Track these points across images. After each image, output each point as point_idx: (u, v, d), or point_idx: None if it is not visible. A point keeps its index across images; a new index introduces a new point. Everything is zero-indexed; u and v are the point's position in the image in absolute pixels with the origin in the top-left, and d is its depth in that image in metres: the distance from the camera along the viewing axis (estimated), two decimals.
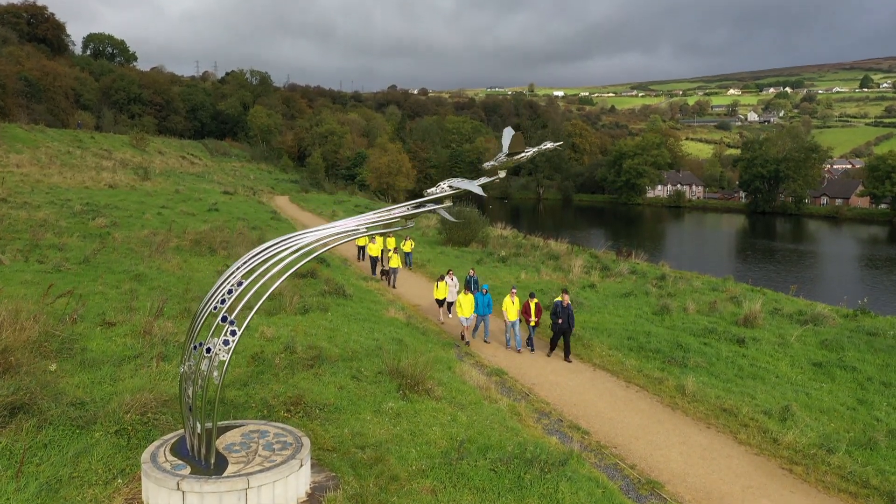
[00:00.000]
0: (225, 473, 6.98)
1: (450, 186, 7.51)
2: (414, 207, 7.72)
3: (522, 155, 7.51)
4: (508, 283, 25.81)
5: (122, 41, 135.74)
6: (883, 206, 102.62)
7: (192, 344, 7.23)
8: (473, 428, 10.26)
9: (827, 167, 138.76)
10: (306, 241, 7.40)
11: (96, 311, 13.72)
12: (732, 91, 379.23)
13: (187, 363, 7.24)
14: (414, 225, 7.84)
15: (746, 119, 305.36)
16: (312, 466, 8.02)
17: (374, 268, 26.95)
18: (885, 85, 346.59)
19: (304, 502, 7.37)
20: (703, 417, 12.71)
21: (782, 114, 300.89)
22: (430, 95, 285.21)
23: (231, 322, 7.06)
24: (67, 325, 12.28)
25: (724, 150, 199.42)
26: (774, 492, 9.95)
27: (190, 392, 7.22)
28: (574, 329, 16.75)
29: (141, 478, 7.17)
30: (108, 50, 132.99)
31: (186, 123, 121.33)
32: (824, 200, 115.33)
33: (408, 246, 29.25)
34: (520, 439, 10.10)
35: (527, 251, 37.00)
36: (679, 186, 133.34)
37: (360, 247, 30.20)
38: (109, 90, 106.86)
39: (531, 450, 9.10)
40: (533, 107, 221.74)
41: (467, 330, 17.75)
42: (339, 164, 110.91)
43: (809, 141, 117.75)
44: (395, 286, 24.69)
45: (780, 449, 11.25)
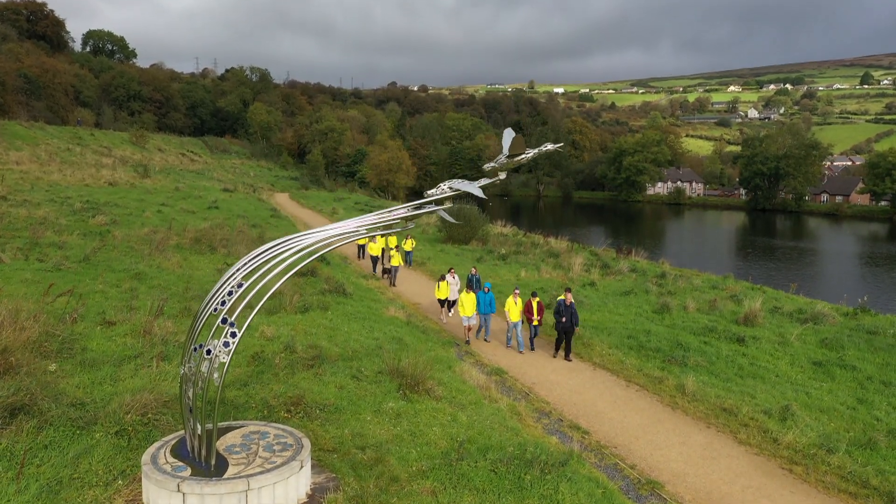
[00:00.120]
0: (225, 475, 6.98)
1: (450, 188, 7.50)
2: (414, 209, 7.71)
3: (523, 156, 7.51)
4: (509, 281, 25.80)
5: (122, 38, 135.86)
6: (883, 204, 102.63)
7: (193, 346, 7.24)
8: (474, 428, 10.27)
9: (827, 164, 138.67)
10: (306, 243, 7.39)
11: (96, 311, 13.72)
12: (733, 88, 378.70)
13: (187, 365, 7.24)
14: (414, 226, 7.84)
15: (747, 116, 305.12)
16: (313, 467, 8.02)
17: (375, 266, 26.92)
18: (886, 82, 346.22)
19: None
20: (703, 417, 12.71)
21: (783, 110, 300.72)
22: (430, 92, 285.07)
23: (231, 324, 7.07)
24: (67, 325, 12.28)
25: (725, 147, 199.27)
26: (774, 492, 9.95)
27: (190, 393, 7.22)
28: (578, 327, 16.70)
29: (141, 479, 7.18)
30: (108, 47, 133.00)
31: (186, 120, 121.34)
32: (824, 198, 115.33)
33: (408, 244, 29.21)
34: (520, 439, 10.11)
35: (527, 249, 37.00)
36: (679, 183, 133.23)
37: (361, 245, 30.14)
38: (109, 87, 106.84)
39: (531, 450, 9.11)
40: (533, 103, 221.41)
41: (470, 330, 17.70)
42: (339, 161, 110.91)
43: (810, 138, 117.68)
44: (396, 285, 24.68)
45: (780, 449, 11.25)
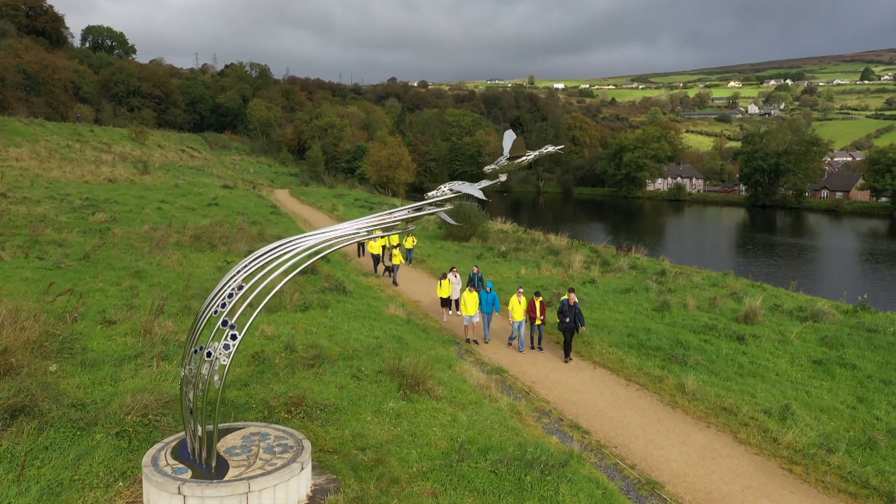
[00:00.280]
0: (226, 477, 6.99)
1: (450, 190, 7.49)
2: (415, 210, 7.70)
3: (524, 158, 7.49)
4: (509, 279, 25.79)
5: (121, 33, 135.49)
6: (883, 200, 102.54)
7: (193, 348, 7.23)
8: (474, 428, 10.27)
9: (827, 160, 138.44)
10: (307, 245, 7.38)
11: (97, 309, 13.72)
12: (733, 83, 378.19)
13: (188, 367, 7.24)
14: (415, 227, 7.83)
15: (747, 111, 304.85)
16: (313, 468, 8.03)
17: (376, 264, 26.84)
18: (886, 77, 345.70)
19: None
20: (703, 416, 12.72)
21: (783, 106, 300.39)
22: (430, 88, 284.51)
23: (231, 326, 7.07)
24: (68, 324, 12.27)
25: (725, 143, 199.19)
26: (774, 492, 9.97)
27: (191, 395, 7.22)
28: (584, 327, 16.56)
29: (142, 480, 7.18)
30: (107, 42, 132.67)
31: (186, 116, 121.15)
32: (824, 194, 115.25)
33: (409, 242, 29.18)
34: (520, 440, 10.12)
35: (527, 246, 36.97)
36: (679, 179, 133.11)
37: (361, 243, 30.12)
38: (108, 83, 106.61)
39: (532, 451, 9.12)
40: (533, 99, 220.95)
41: (474, 329, 17.63)
42: (339, 158, 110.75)
43: (810, 134, 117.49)
44: (398, 283, 24.62)
45: (780, 448, 11.27)
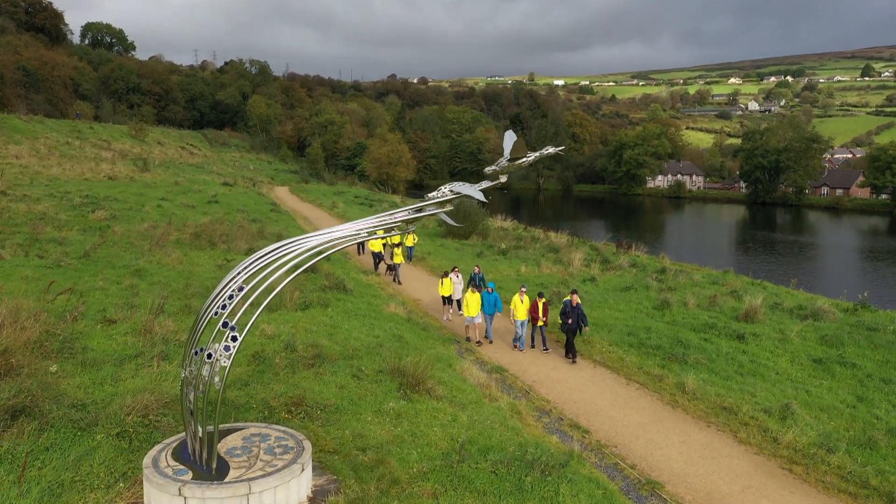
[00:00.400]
0: (226, 479, 6.99)
1: (451, 191, 7.48)
2: (415, 211, 7.69)
3: (524, 160, 7.48)
4: (509, 277, 25.80)
5: (121, 30, 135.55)
6: (883, 197, 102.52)
7: (194, 349, 7.23)
8: (474, 428, 10.27)
9: (827, 157, 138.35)
10: (307, 247, 7.37)
11: (97, 308, 13.72)
12: (733, 80, 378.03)
13: (188, 368, 7.24)
14: (415, 228, 7.85)
15: (747, 108, 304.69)
16: (314, 469, 8.03)
17: (377, 263, 26.78)
18: (887, 74, 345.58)
19: None
20: (704, 416, 12.73)
21: (783, 103, 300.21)
22: (430, 84, 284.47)
23: (232, 328, 7.06)
24: (68, 324, 12.26)
25: (725, 140, 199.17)
26: (774, 492, 9.97)
27: (191, 397, 7.22)
28: (587, 328, 16.45)
29: (143, 482, 7.19)
30: (107, 39, 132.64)
31: (185, 113, 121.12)
32: (825, 191, 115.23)
33: (410, 240, 29.16)
34: (521, 440, 10.12)
35: (527, 243, 36.95)
36: (679, 177, 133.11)
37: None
38: (108, 80, 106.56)
39: (532, 451, 9.12)
40: (533, 96, 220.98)
41: (476, 329, 17.62)
42: (339, 155, 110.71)
43: (810, 131, 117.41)
44: (401, 282, 24.57)
45: (780, 448, 11.27)
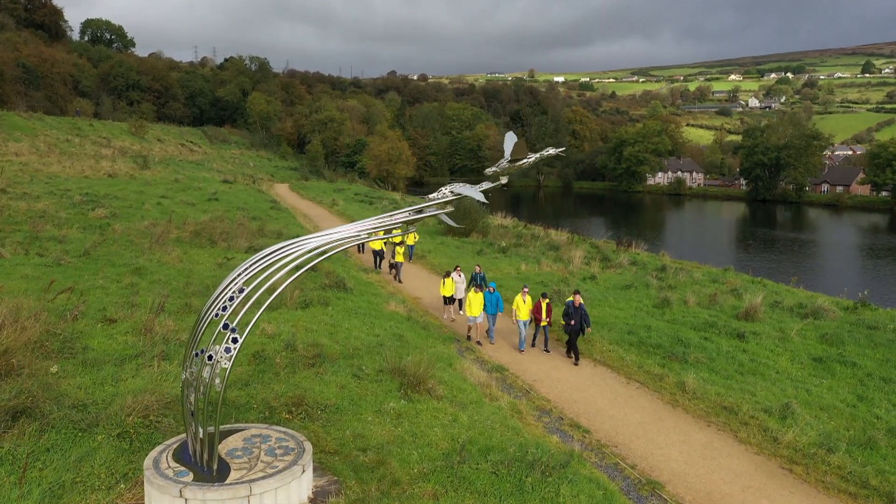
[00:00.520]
0: (227, 480, 6.99)
1: (451, 192, 7.47)
2: (416, 213, 7.68)
3: (525, 161, 7.47)
4: (509, 275, 25.80)
5: (120, 27, 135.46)
6: (884, 194, 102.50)
7: (194, 350, 7.23)
8: (475, 428, 10.27)
9: (828, 154, 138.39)
10: (308, 248, 7.37)
11: (97, 307, 13.71)
12: (734, 77, 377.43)
13: (189, 369, 7.24)
14: (416, 228, 7.84)
15: (747, 105, 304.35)
16: (314, 470, 8.03)
17: (377, 262, 26.71)
18: (887, 70, 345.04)
19: None
20: (704, 415, 12.73)
21: (783, 99, 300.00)
22: (430, 81, 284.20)
23: (233, 329, 7.06)
24: (69, 323, 12.26)
25: (725, 137, 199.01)
26: (774, 492, 9.98)
27: (192, 398, 7.22)
28: (589, 328, 16.30)
29: (143, 483, 7.19)
30: (106, 35, 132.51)
31: (185, 110, 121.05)
32: (825, 188, 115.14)
33: (411, 238, 29.13)
34: (521, 440, 10.12)
35: (527, 241, 36.96)
36: (680, 173, 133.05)
37: None
38: (108, 76, 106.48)
39: (532, 451, 9.12)
40: (533, 93, 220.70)
41: (478, 329, 17.57)
42: (339, 152, 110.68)
43: (810, 128, 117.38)
44: (402, 281, 24.53)
45: (780, 448, 11.27)
